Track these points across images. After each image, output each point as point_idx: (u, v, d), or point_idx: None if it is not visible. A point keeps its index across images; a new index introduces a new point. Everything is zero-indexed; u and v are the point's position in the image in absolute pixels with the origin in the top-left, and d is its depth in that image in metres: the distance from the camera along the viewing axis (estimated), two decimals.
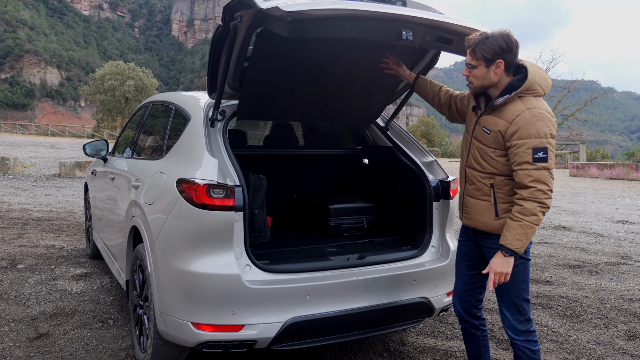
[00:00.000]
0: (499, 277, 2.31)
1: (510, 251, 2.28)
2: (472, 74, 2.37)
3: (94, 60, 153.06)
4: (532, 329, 2.51)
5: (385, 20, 2.37)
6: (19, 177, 13.53)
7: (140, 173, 3.38)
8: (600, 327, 4.00)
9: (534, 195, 2.23)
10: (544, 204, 2.24)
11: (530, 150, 2.24)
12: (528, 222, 2.24)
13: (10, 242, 6.12)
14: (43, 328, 3.61)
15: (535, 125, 2.25)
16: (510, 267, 2.30)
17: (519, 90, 2.31)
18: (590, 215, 9.89)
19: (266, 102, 3.09)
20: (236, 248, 2.57)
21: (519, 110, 2.29)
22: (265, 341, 2.58)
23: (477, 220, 2.50)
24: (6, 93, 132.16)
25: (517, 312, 2.48)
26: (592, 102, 40.72)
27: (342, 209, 3.66)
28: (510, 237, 2.27)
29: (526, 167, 2.25)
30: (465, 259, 2.71)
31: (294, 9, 2.12)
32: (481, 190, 2.46)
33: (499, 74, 2.33)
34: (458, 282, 2.76)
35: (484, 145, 2.42)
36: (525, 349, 2.48)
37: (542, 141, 2.24)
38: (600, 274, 5.51)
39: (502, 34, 2.29)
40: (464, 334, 2.82)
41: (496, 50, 2.28)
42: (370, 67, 3.02)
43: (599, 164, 20.43)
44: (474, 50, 2.32)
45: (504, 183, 2.39)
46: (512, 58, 2.31)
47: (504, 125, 2.32)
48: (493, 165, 2.40)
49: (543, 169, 2.24)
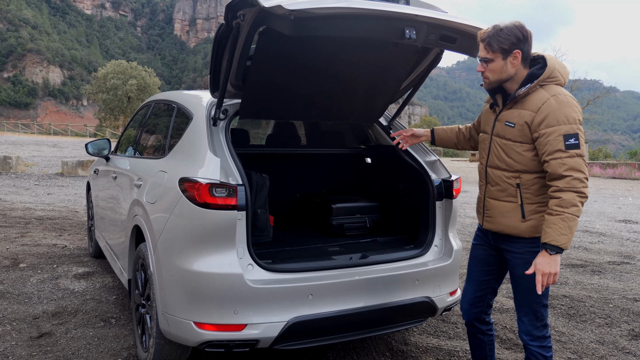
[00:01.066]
0: (547, 278, 2.14)
1: (556, 248, 2.11)
2: (489, 69, 2.28)
3: (96, 60, 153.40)
4: (547, 334, 2.41)
5: (389, 19, 2.35)
6: (22, 176, 13.55)
7: (142, 172, 3.38)
8: (603, 326, 3.99)
9: (571, 184, 2.10)
10: (582, 193, 2.11)
11: (561, 138, 2.12)
12: (570, 214, 2.09)
13: (12, 241, 6.13)
14: (45, 327, 3.61)
15: (563, 111, 2.15)
16: (558, 266, 2.14)
17: (541, 78, 2.22)
18: (593, 215, 9.87)
19: (269, 101, 3.08)
20: (239, 247, 2.57)
21: (543, 98, 2.20)
22: (267, 341, 2.57)
23: (502, 223, 2.37)
24: (9, 92, 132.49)
25: (534, 318, 2.38)
26: (595, 101, 40.60)
27: (345, 209, 3.65)
28: (554, 233, 2.10)
29: (559, 155, 2.12)
30: (480, 263, 2.59)
31: (297, 7, 2.12)
32: (506, 191, 2.34)
33: (517, 66, 2.25)
34: (470, 287, 2.64)
35: (509, 141, 2.30)
36: (539, 354, 2.39)
37: (572, 127, 2.13)
38: (603, 274, 5.49)
39: (515, 24, 2.22)
40: (471, 338, 2.74)
41: (513, 40, 2.20)
42: (373, 65, 3.00)
43: (602, 163, 20.40)
44: (489, 43, 2.23)
45: (531, 182, 2.28)
46: (528, 48, 2.24)
47: (529, 115, 2.22)
48: (520, 162, 2.28)
49: (577, 156, 2.12)
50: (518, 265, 2.34)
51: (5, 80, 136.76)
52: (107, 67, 49.04)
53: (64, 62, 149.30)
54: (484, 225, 2.50)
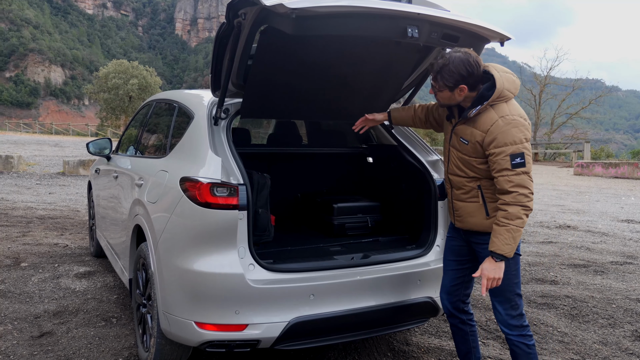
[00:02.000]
0: (492, 282, 2.37)
1: (500, 256, 2.34)
2: (438, 95, 2.46)
3: (97, 59, 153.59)
4: (525, 323, 2.54)
5: (391, 17, 2.34)
6: (23, 175, 13.56)
7: (143, 171, 3.37)
8: (606, 327, 3.97)
9: (516, 199, 2.29)
10: (526, 207, 2.29)
11: (508, 158, 2.29)
12: (514, 226, 2.29)
13: (14, 241, 6.13)
14: (46, 326, 3.61)
15: (510, 133, 2.30)
16: (502, 272, 2.36)
17: (490, 100, 2.36)
18: (595, 215, 9.84)
19: (270, 100, 3.07)
20: (240, 247, 2.55)
21: (492, 119, 2.35)
22: (268, 341, 2.56)
23: (470, 222, 2.56)
24: (10, 92, 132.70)
25: (509, 307, 2.52)
26: (597, 100, 40.48)
27: (346, 208, 3.64)
28: (499, 243, 2.32)
29: (506, 173, 2.30)
30: (453, 254, 2.75)
31: (299, 6, 2.10)
32: (469, 193, 2.53)
33: (464, 95, 2.41)
34: (446, 277, 2.79)
35: (465, 155, 2.49)
36: (521, 343, 2.52)
37: (518, 147, 2.30)
38: (605, 274, 5.47)
39: (462, 59, 2.34)
40: (453, 330, 2.86)
41: (457, 78, 2.35)
42: (374, 65, 2.99)
43: (604, 163, 20.35)
44: (435, 77, 2.40)
45: (490, 184, 2.45)
46: (474, 80, 2.37)
47: (480, 135, 2.39)
48: (477, 172, 2.48)
49: (522, 174, 2.29)
50: (486, 256, 2.46)
51: (7, 80, 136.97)
52: (108, 67, 49.08)
53: (65, 62, 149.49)
54: (455, 224, 2.68)
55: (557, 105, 41.33)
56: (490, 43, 2.73)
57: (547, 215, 9.58)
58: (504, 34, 2.60)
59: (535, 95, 40.28)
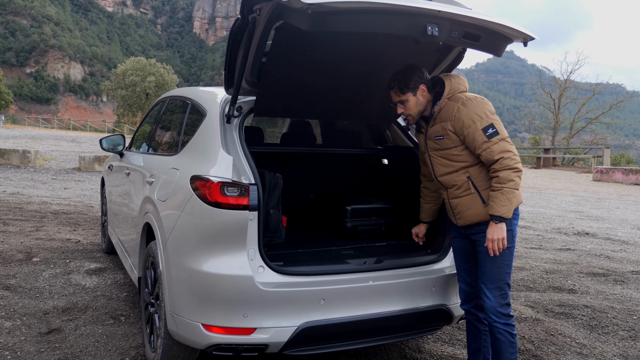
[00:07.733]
0: (497, 243, 2.48)
1: (499, 218, 2.47)
2: (407, 108, 2.67)
3: (116, 56, 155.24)
4: (511, 313, 2.64)
5: (410, 15, 2.26)
6: (39, 170, 13.70)
7: (154, 169, 3.33)
8: (627, 339, 3.83)
9: (503, 164, 2.45)
10: (515, 168, 2.45)
11: (481, 132, 2.49)
12: (508, 188, 2.44)
13: (27, 235, 6.15)
14: (55, 323, 3.59)
15: (473, 111, 2.52)
16: (504, 232, 2.48)
17: (445, 94, 2.61)
18: (614, 222, 9.61)
19: (284, 98, 3.01)
20: (250, 248, 2.49)
21: (453, 107, 2.57)
22: (277, 346, 2.50)
23: (470, 215, 2.64)
24: (31, 87, 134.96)
25: (499, 295, 2.60)
26: (617, 105, 39.72)
27: (360, 210, 3.55)
28: (496, 206, 2.46)
29: (486, 146, 2.48)
30: (461, 253, 2.82)
31: (315, 2, 2.03)
32: (462, 187, 2.63)
33: (426, 95, 2.66)
34: (460, 275, 2.85)
35: (445, 149, 2.64)
36: (505, 332, 2.60)
37: (486, 120, 2.50)
38: (626, 283, 5.31)
39: (407, 66, 2.66)
40: (468, 325, 2.92)
41: (415, 78, 2.62)
42: (392, 64, 2.90)
43: (624, 169, 19.93)
44: (397, 88, 2.64)
45: (478, 171, 2.59)
46: (426, 78, 2.67)
47: (449, 124, 2.58)
48: (461, 160, 2.61)
49: (500, 141, 2.47)
50: (484, 242, 2.57)
51: (28, 76, 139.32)
52: (126, 64, 49.44)
53: (84, 59, 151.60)
54: (457, 223, 2.75)
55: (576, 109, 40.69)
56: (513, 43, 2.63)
57: (565, 222, 9.38)
58: (528, 34, 2.51)
59: (555, 99, 39.70)
